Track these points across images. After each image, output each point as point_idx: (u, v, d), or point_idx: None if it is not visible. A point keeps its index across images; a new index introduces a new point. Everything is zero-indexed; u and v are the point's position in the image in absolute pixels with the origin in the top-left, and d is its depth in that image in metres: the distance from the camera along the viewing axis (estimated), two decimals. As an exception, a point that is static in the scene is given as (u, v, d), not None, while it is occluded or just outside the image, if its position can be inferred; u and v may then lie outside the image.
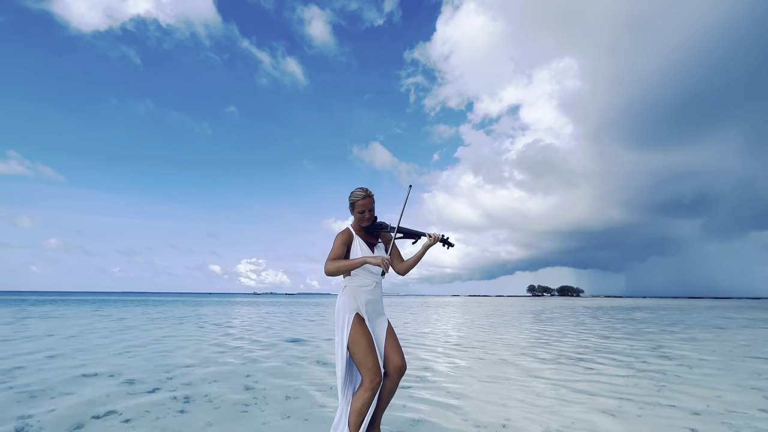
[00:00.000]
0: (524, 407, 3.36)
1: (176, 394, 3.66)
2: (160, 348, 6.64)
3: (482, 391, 3.92)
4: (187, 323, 12.04)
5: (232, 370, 4.79)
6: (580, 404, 3.47)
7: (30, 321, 12.27)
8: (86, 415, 3.06)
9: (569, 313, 21.37)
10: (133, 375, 4.48)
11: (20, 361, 5.32)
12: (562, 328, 11.18)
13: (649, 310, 26.47)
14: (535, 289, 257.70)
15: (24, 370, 4.69)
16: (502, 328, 11.07)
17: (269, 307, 25.92)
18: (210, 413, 3.12)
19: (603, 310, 26.18)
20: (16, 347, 6.58)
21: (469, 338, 8.61)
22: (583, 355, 6.16)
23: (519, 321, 14.43)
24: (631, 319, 15.64)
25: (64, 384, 4.03)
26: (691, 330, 10.91)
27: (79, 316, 14.70)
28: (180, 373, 4.63)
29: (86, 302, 32.32)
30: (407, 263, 2.34)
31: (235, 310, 20.95)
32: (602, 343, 7.76)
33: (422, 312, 21.33)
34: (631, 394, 3.83)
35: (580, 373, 4.79)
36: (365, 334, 2.13)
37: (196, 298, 55.79)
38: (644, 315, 19.21)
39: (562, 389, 3.98)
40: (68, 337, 8.14)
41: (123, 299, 45.04)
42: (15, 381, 4.17)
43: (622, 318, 16.62)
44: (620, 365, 5.35)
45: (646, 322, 13.90)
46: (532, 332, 10.02)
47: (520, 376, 4.64)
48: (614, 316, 17.74)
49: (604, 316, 17.66)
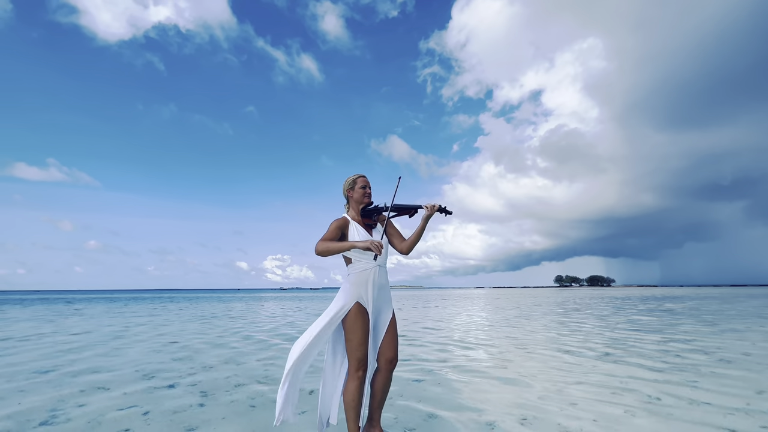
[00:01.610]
0: (543, 402, 3.23)
1: (195, 389, 3.76)
2: (184, 343, 6.87)
3: (499, 385, 3.81)
4: (213, 319, 12.46)
5: (252, 365, 4.89)
6: (603, 401, 3.29)
7: (70, 319, 13.05)
8: (112, 407, 3.18)
9: (597, 303, 20.62)
10: (157, 369, 4.64)
11: (50, 357, 5.64)
12: (587, 319, 10.78)
13: (685, 299, 25.16)
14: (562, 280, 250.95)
15: (55, 368, 4.96)
16: (522, 320, 10.80)
17: (293, 302, 26.49)
18: (225, 407, 3.18)
19: (634, 299, 25.11)
20: (46, 341, 6.99)
21: (488, 330, 8.44)
22: (610, 348, 5.89)
23: (542, 312, 14.05)
24: (664, 310, 14.90)
25: (89, 376, 4.23)
26: (731, 321, 10.24)
27: (113, 313, 15.52)
28: (201, 368, 4.76)
29: (121, 300, 34.13)
30: (409, 240, 2.33)
31: (261, 306, 21.53)
32: (630, 336, 7.41)
33: (436, 304, 21.17)
34: (662, 391, 3.61)
35: (605, 367, 4.57)
36: (363, 325, 2.10)
37: (224, 294, 57.89)
38: (679, 305, 18.27)
39: (584, 384, 3.81)
40: (102, 333, 8.58)
41: (157, 296, 47.29)
42: (39, 378, 4.41)
43: (654, 308, 15.86)
44: (650, 359, 5.07)
45: (680, 313, 13.21)
46: (555, 323, 9.70)
47: (540, 370, 4.48)
48: (646, 306, 16.96)
49: (635, 306, 16.91)
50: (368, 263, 2.18)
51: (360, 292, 2.13)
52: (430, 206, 2.24)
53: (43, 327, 9.94)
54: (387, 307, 2.27)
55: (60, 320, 12.15)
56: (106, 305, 22.66)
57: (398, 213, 2.32)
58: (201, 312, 15.97)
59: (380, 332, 2.22)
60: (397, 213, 2.32)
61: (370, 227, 2.35)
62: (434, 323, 10.29)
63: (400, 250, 2.34)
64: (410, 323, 10.28)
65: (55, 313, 16.01)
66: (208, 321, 11.52)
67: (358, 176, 2.34)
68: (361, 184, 2.31)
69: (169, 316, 13.46)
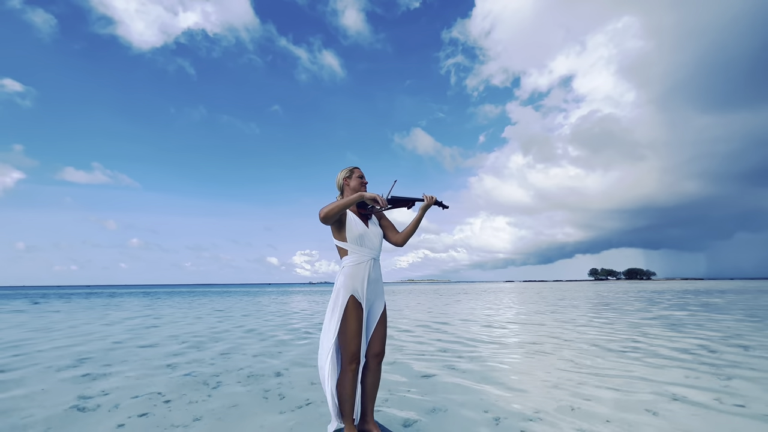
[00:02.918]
0: (556, 399, 3.12)
1: (211, 379, 3.92)
2: (211, 335, 7.19)
3: (504, 384, 3.72)
4: (240, 313, 12.95)
5: (269, 356, 5.04)
6: (618, 401, 3.14)
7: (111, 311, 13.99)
8: (132, 393, 3.39)
9: (633, 297, 19.61)
10: (183, 360, 4.88)
11: (84, 344, 6.07)
12: (618, 313, 10.28)
13: (733, 293, 23.43)
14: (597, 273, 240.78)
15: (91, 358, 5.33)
16: (548, 313, 10.46)
17: (320, 296, 27.04)
18: (238, 397, 3.29)
19: (674, 293, 23.68)
20: (90, 332, 7.52)
21: (495, 325, 8.24)
22: (639, 343, 5.59)
23: (571, 305, 13.53)
24: (707, 304, 13.94)
25: (121, 364, 4.52)
26: (781, 316, 9.45)
27: (149, 306, 16.48)
28: (221, 358, 4.96)
29: (157, 294, 36.13)
30: (405, 231, 2.33)
31: (288, 300, 22.13)
32: (661, 334, 7.01)
33: (457, 299, 20.89)
34: (689, 389, 3.39)
35: (626, 363, 4.35)
36: (357, 319, 2.10)
37: (256, 289, 59.98)
38: (725, 299, 17.05)
39: (599, 379, 3.64)
40: (137, 325, 9.14)
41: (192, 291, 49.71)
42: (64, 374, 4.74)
43: (696, 302, 14.88)
44: (682, 354, 4.78)
45: (725, 308, 12.33)
46: (584, 317, 9.33)
47: (557, 366, 4.33)
48: (681, 300, 15.95)
49: (667, 300, 15.95)
50: (364, 255, 2.18)
51: (355, 285, 2.13)
52: (428, 197, 2.23)
53: (87, 318, 10.73)
54: (379, 300, 2.26)
55: (103, 312, 13.05)
56: (142, 299, 24.09)
57: (395, 205, 2.30)
58: (229, 304, 16.64)
59: (371, 325, 2.22)
60: (395, 205, 2.30)
61: (366, 218, 2.34)
62: (435, 319, 10.18)
63: (394, 242, 2.33)
64: (412, 318, 10.22)
65: (104, 305, 17.21)
66: (235, 315, 11.99)
67: (354, 167, 2.37)
68: (359, 173, 2.33)
69: (200, 310, 14.12)
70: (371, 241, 2.19)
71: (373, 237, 2.21)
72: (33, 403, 3.22)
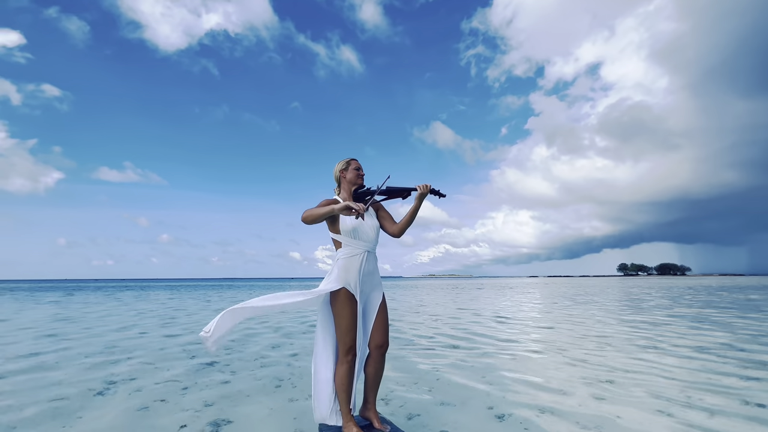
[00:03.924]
0: (564, 397, 3.07)
1: (227, 368, 4.10)
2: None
3: (519, 378, 3.68)
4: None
5: (283, 349, 5.20)
6: (629, 400, 3.05)
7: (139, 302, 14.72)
8: (154, 381, 3.58)
9: (662, 293, 18.77)
10: (200, 350, 5.11)
11: (117, 337, 6.42)
12: (640, 309, 9.90)
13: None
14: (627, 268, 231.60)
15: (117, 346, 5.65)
16: (564, 309, 10.19)
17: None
18: (249, 385, 3.43)
19: (709, 290, 22.48)
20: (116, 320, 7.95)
21: (522, 319, 8.10)
22: (659, 341, 5.39)
23: (591, 301, 13.12)
24: (744, 301, 13.16)
25: (143, 351, 4.78)
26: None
27: (172, 299, 17.20)
28: (239, 347, 5.16)
29: (185, 288, 37.57)
30: (402, 222, 2.30)
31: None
32: (686, 333, 6.71)
33: (471, 297, 20.61)
34: (706, 388, 3.25)
35: (641, 361, 4.20)
36: (351, 311, 2.12)
37: (278, 283, 61.37)
38: (762, 295, 16.03)
39: (610, 377, 3.55)
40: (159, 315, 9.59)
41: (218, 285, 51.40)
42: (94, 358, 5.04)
43: (729, 299, 14.08)
44: (701, 354, 4.57)
45: (763, 305, 11.61)
46: (602, 313, 9.04)
47: (566, 363, 4.24)
48: (722, 297, 15.12)
49: (707, 297, 15.15)
50: (357, 248, 2.18)
51: (347, 278, 2.14)
52: (423, 186, 2.20)
53: (116, 309, 11.36)
54: (376, 291, 2.27)
55: (132, 303, 13.76)
56: (169, 292, 25.17)
57: (390, 195, 2.29)
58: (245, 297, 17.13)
59: (370, 317, 2.24)
60: (390, 195, 2.29)
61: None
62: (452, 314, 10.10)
63: (391, 232, 2.32)
64: (408, 312, 10.17)
65: (133, 297, 18.14)
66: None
67: (351, 159, 2.37)
68: (355, 165, 2.33)
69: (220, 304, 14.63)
70: (366, 233, 2.19)
71: (368, 229, 2.20)
72: (63, 384, 3.47)
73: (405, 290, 27.32)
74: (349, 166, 2.32)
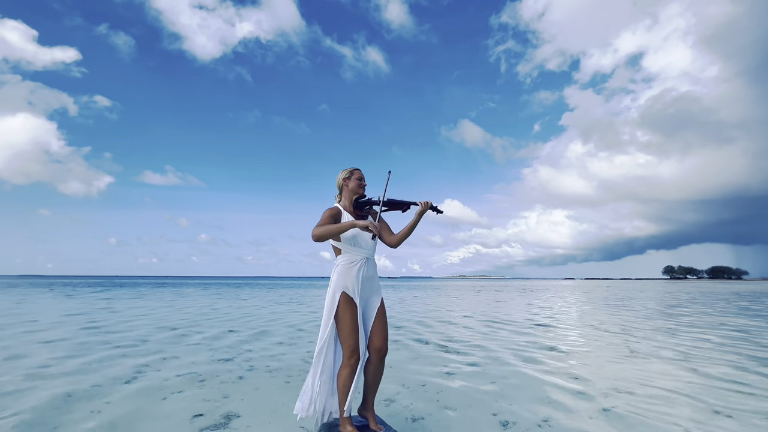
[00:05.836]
0: (571, 410, 2.96)
1: (244, 364, 4.29)
2: (252, 324, 7.75)
3: (526, 385, 3.58)
4: (289, 305, 13.73)
5: (296, 346, 5.37)
6: (649, 415, 2.89)
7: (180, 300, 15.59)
8: (175, 374, 3.82)
9: (715, 297, 17.35)
10: (222, 345, 5.37)
11: (150, 331, 6.87)
12: (678, 315, 9.24)
13: None
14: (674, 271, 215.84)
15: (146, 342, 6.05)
16: (590, 314, 9.70)
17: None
18: (262, 380, 3.58)
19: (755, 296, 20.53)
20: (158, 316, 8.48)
21: (541, 324, 7.80)
22: (692, 350, 5.02)
23: (623, 305, 12.38)
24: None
25: (169, 348, 5.10)
26: None
27: (211, 296, 18.06)
28: (259, 347, 5.37)
29: (221, 285, 39.28)
30: (400, 234, 2.33)
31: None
32: (731, 343, 6.20)
33: (493, 300, 19.99)
34: (733, 400, 3.01)
35: (668, 375, 3.94)
36: (351, 314, 2.16)
37: (307, 282, 62.91)
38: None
39: (628, 389, 3.36)
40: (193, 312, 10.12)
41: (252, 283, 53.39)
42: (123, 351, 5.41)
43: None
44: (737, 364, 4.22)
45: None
46: (635, 319, 8.53)
47: (577, 376, 4.06)
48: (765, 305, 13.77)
49: (746, 304, 13.84)
50: (357, 255, 2.24)
51: (346, 283, 2.20)
52: (423, 203, 2.24)
53: (154, 304, 12.12)
54: (375, 296, 2.30)
55: (170, 300, 14.63)
56: (206, 289, 26.48)
57: (391, 207, 2.32)
58: (282, 298, 17.66)
59: (369, 321, 2.27)
60: (390, 207, 2.32)
61: (362, 218, 2.39)
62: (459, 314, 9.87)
63: (388, 243, 2.35)
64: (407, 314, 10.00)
65: (174, 293, 19.28)
66: (283, 307, 12.74)
67: (355, 168, 2.43)
68: (358, 175, 2.38)
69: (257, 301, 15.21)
70: (365, 241, 2.24)
71: (367, 237, 2.25)
72: (96, 372, 3.79)
73: (429, 290, 27.08)
74: (352, 176, 2.37)
